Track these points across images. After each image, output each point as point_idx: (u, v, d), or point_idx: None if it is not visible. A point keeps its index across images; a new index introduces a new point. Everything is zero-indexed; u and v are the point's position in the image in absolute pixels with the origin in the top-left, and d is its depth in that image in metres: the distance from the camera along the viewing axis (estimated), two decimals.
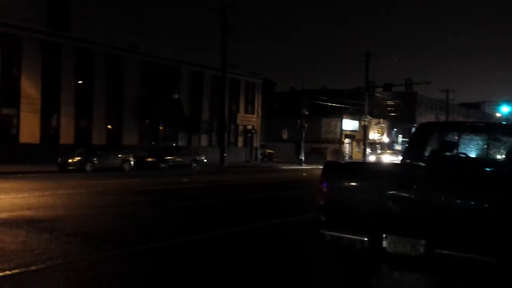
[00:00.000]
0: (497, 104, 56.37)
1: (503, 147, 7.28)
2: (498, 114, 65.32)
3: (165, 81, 40.37)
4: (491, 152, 7.31)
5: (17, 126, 31.61)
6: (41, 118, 32.59)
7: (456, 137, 7.55)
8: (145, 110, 38.25)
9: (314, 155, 55.25)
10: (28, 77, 31.76)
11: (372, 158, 51.58)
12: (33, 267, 6.35)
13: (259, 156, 49.85)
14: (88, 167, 26.70)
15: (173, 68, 41.28)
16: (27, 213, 10.99)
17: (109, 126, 36.86)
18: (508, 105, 47.92)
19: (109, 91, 36.26)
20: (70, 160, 26.43)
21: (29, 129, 31.75)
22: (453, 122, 18.95)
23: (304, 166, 42.04)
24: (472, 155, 7.39)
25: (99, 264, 6.76)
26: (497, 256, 4.34)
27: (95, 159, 27.46)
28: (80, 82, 34.61)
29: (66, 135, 33.87)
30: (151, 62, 39.23)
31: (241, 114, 48.55)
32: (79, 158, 26.80)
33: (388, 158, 46.91)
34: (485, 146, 7.36)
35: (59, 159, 26.64)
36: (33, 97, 31.90)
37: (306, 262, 7.30)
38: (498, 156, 7.24)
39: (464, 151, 7.45)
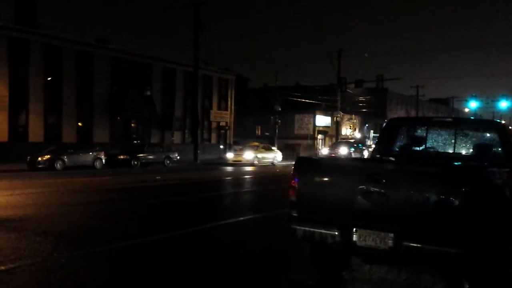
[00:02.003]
0: (466, 99, 57.54)
1: (470, 142, 7.45)
2: (466, 109, 66.78)
3: (136, 77, 39.94)
4: (458, 146, 7.47)
5: None
6: (9, 115, 31.88)
7: (425, 132, 7.69)
8: (116, 107, 37.76)
9: (288, 151, 55.49)
10: None
11: (249, 156, 36.65)
12: (2, 267, 6.25)
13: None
14: (58, 165, 26.27)
15: (144, 64, 40.85)
16: None
17: (79, 124, 36.30)
18: (476, 101, 48.97)
19: (79, 88, 35.69)
20: (39, 158, 25.96)
21: None
22: (421, 117, 19.30)
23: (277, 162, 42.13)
24: (440, 149, 7.54)
25: (69, 263, 6.67)
26: (463, 248, 4.45)
27: (65, 157, 27.02)
28: (49, 79, 33.95)
29: (35, 133, 33.22)
30: (122, 58, 38.74)
31: (214, 110, 48.40)
32: (49, 156, 26.33)
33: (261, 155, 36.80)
34: (453, 141, 7.51)
35: (28, 157, 26.13)
36: (1, 94, 31.16)
37: (278, 254, 7.36)
38: (466, 150, 7.41)
39: (432, 146, 7.60)
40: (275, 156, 39.02)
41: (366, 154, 44.76)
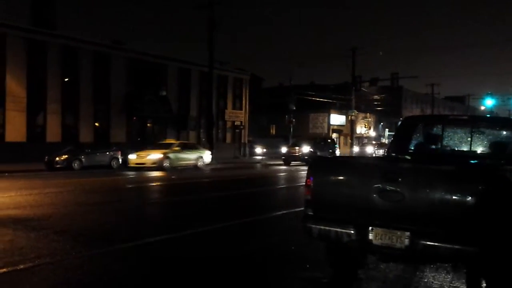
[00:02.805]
0: (481, 97, 56.89)
1: (487, 140, 7.39)
2: (482, 107, 65.99)
3: (152, 78, 40.19)
4: (475, 144, 7.42)
5: (3, 125, 31.24)
6: (27, 116, 32.29)
7: (441, 130, 7.65)
8: (132, 107, 38.06)
9: None
10: (13, 75, 31.43)
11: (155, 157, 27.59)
12: (21, 266, 6.35)
13: (255, 151, 49.82)
14: (75, 165, 26.55)
15: (160, 65, 41.10)
16: (14, 212, 10.94)
17: (96, 124, 36.64)
18: (492, 98, 48.35)
19: (95, 88, 36.03)
20: (57, 158, 26.26)
21: (15, 128, 31.45)
22: (437, 115, 19.14)
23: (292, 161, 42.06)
24: (456, 148, 7.50)
25: (88, 262, 6.77)
26: (480, 246, 4.43)
27: (82, 157, 27.30)
28: (66, 79, 34.32)
29: (53, 133, 33.62)
30: (137, 59, 39.02)
31: (229, 110, 48.52)
32: (66, 156, 26.63)
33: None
34: (469, 139, 7.46)
35: (46, 157, 26.44)
36: (19, 95, 31.60)
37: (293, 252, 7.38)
38: (482, 149, 7.36)
39: (448, 144, 7.56)
40: (200, 156, 30.49)
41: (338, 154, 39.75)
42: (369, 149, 56.55)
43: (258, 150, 49.83)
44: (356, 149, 54.59)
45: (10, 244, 7.63)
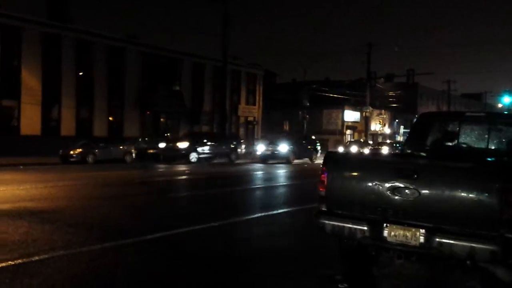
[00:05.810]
0: (499, 94, 56.17)
1: (504, 137, 7.28)
2: (499, 105, 65.15)
3: (166, 72, 40.33)
4: (492, 142, 7.31)
5: (18, 118, 31.61)
6: (42, 109, 32.59)
7: (457, 127, 7.55)
8: (146, 101, 38.24)
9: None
10: (29, 68, 31.74)
11: None
12: (36, 257, 6.40)
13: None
14: (89, 159, 26.78)
15: (174, 59, 41.19)
16: (29, 204, 11.04)
17: (110, 118, 36.88)
18: (509, 96, 47.67)
19: (110, 82, 36.25)
20: (72, 152, 26.50)
21: (30, 121, 31.76)
22: (453, 112, 18.96)
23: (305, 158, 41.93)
24: (473, 145, 7.39)
25: (101, 254, 6.80)
26: (498, 244, 4.36)
27: (96, 150, 27.52)
28: (81, 73, 34.59)
29: (67, 127, 33.90)
30: (152, 53, 39.16)
31: (242, 105, 48.52)
32: (80, 149, 26.86)
33: None
34: (486, 136, 7.35)
35: (61, 150, 26.69)
36: (34, 88, 31.89)
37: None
38: (499, 146, 7.24)
39: (465, 141, 7.45)
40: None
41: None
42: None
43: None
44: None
45: (25, 235, 7.70)
